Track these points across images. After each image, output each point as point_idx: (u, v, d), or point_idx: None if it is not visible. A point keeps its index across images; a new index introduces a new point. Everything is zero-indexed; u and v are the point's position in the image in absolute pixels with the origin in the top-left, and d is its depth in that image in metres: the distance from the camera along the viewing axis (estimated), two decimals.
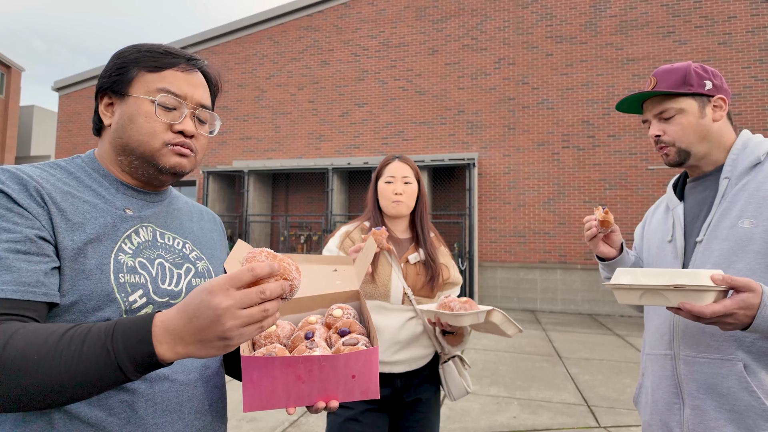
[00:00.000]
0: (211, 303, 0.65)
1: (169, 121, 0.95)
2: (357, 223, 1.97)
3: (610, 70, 10.50)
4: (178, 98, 0.96)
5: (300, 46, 12.68)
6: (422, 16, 11.78)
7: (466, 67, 11.40)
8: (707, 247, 1.29)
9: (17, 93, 24.20)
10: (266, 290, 0.67)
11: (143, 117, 0.94)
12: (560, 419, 4.09)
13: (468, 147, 11.26)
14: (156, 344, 0.67)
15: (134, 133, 0.94)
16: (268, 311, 0.68)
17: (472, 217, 10.61)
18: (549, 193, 10.67)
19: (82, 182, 0.93)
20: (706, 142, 1.34)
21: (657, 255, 1.47)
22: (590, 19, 10.72)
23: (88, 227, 0.86)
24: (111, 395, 0.83)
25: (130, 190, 0.98)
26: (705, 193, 1.38)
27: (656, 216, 1.57)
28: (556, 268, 10.47)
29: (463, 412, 4.24)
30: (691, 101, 1.33)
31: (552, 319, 9.42)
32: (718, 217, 1.29)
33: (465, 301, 1.55)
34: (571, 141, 10.62)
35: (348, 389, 0.84)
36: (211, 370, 1.00)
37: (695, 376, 1.24)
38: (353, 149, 12.13)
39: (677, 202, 1.45)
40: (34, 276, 0.77)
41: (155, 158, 0.95)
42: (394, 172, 1.92)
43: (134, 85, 0.95)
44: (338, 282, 1.19)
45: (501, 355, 6.31)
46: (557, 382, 5.16)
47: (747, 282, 1.07)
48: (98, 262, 0.85)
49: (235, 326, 0.65)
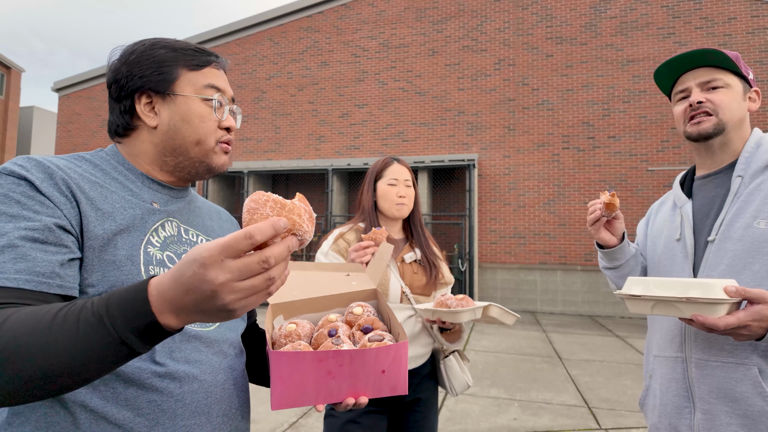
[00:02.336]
0: (206, 278, 0.57)
1: (218, 118, 0.96)
2: (351, 225, 1.96)
3: (611, 72, 10.50)
4: (223, 95, 0.97)
5: (300, 47, 12.68)
6: (422, 17, 11.78)
7: (466, 68, 11.40)
8: (720, 247, 1.26)
9: (17, 94, 24.20)
10: (269, 258, 0.58)
11: (198, 117, 0.94)
12: (561, 421, 4.08)
13: (468, 148, 11.26)
14: (157, 314, 0.61)
15: (190, 134, 0.93)
16: (274, 279, 0.59)
17: (472, 218, 10.62)
18: (549, 194, 10.67)
19: (108, 174, 0.91)
20: (738, 126, 1.32)
21: (665, 254, 1.43)
22: (590, 20, 10.72)
23: (118, 217, 0.84)
24: (139, 395, 0.80)
25: (155, 184, 0.96)
26: (716, 191, 1.34)
27: (662, 213, 1.53)
28: (556, 269, 10.46)
29: (464, 413, 4.23)
30: (739, 81, 1.32)
31: (552, 320, 9.41)
32: (731, 217, 1.26)
33: (461, 298, 1.59)
34: (571, 142, 10.62)
35: (377, 385, 0.83)
36: (237, 372, 0.97)
37: (707, 379, 1.22)
38: (353, 150, 12.12)
39: (685, 200, 1.41)
40: (50, 266, 0.73)
41: (208, 157, 0.95)
42: (396, 174, 1.92)
43: (180, 84, 0.94)
44: (354, 283, 1.19)
45: (501, 356, 6.30)
46: (557, 383, 5.15)
47: (761, 293, 1.06)
48: (128, 253, 0.83)
49: (235, 299, 0.58)
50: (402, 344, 0.83)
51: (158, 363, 0.82)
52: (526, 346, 6.91)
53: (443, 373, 1.88)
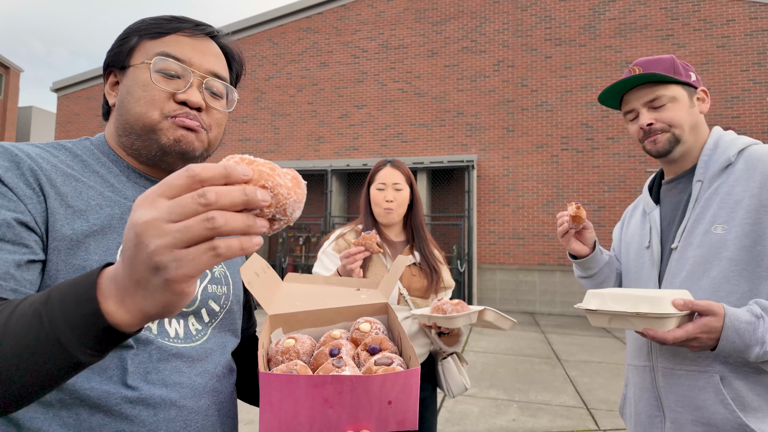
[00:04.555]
0: (132, 219, 0.43)
1: (171, 90, 0.81)
2: (352, 226, 1.99)
3: (609, 73, 10.50)
4: (180, 63, 0.83)
5: (299, 48, 12.67)
6: (421, 18, 11.78)
7: (465, 69, 11.39)
8: (682, 254, 1.26)
9: (16, 94, 24.17)
10: (208, 192, 0.41)
11: (140, 86, 0.81)
12: (559, 422, 4.07)
13: (467, 149, 11.26)
14: (101, 300, 0.46)
15: (132, 106, 0.81)
16: (216, 224, 0.41)
17: (471, 219, 10.61)
18: (548, 195, 10.66)
19: (88, 166, 0.81)
20: (693, 133, 1.31)
21: (635, 261, 1.45)
22: (589, 21, 10.73)
23: (92, 216, 0.74)
24: (106, 423, 0.69)
25: (142, 179, 0.86)
26: (679, 197, 1.35)
27: (634, 219, 1.55)
28: (555, 270, 10.46)
29: (462, 415, 4.22)
30: (682, 90, 1.31)
31: (551, 321, 9.40)
32: (692, 223, 1.27)
33: (456, 303, 1.59)
34: (569, 143, 10.62)
35: (383, 417, 0.71)
36: (224, 396, 0.85)
37: (674, 388, 1.22)
38: (352, 151, 12.11)
39: (653, 206, 1.42)
40: (3, 266, 0.63)
41: (155, 133, 0.81)
42: (385, 178, 1.93)
43: (134, 54, 0.83)
44: (363, 297, 1.07)
45: (500, 357, 6.28)
46: (556, 384, 5.14)
47: (708, 305, 1.06)
48: (102, 258, 0.72)
49: (163, 246, 0.41)
50: (413, 372, 0.72)
51: (130, 387, 0.72)
52: (525, 347, 6.89)
53: (441, 375, 1.88)
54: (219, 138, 0.92)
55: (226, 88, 0.90)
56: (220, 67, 0.88)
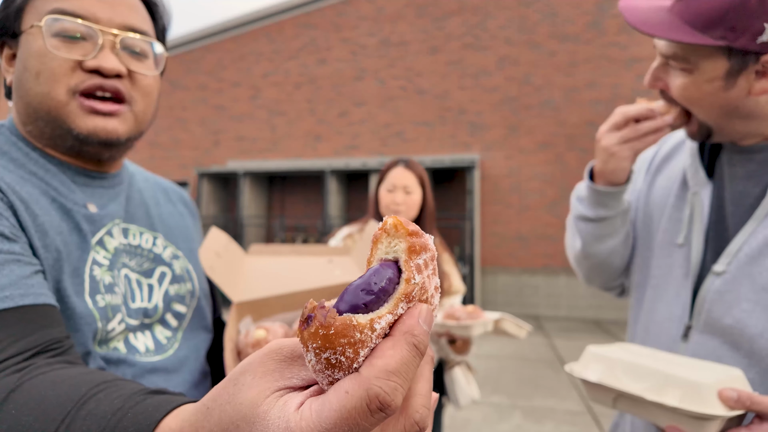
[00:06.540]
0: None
1: (76, 57, 0.66)
2: (359, 225, 1.95)
3: (615, 70, 10.38)
4: (82, 20, 0.66)
5: (297, 45, 12.55)
6: (423, 14, 11.64)
7: (468, 67, 11.25)
8: (734, 283, 0.81)
9: None
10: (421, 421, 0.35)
11: (36, 58, 0.66)
12: (564, 428, 4.05)
13: (469, 148, 11.12)
14: None
15: (31, 85, 0.66)
16: None
17: (474, 221, 10.48)
18: (553, 196, 10.51)
19: (22, 166, 0.67)
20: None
21: (660, 259, 0.99)
22: (595, 18, 10.60)
23: (51, 232, 0.64)
24: None
25: (81, 176, 0.72)
26: (757, 177, 0.87)
27: (665, 182, 1.05)
28: (560, 272, 10.30)
29: (465, 421, 4.18)
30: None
31: (556, 325, 9.32)
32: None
33: (471, 310, 1.53)
34: (575, 143, 10.48)
35: None
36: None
37: None
38: (351, 150, 11.98)
39: (704, 181, 0.94)
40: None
41: (63, 118, 0.67)
42: (395, 179, 1.86)
43: (25, 17, 0.68)
44: (337, 272, 1.01)
45: (503, 362, 6.22)
46: (561, 390, 5.10)
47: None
48: (71, 281, 0.64)
49: None
50: None
51: None
52: (529, 352, 6.83)
53: (447, 384, 1.83)
54: (151, 109, 0.77)
55: (150, 45, 0.74)
56: (137, 20, 0.72)
